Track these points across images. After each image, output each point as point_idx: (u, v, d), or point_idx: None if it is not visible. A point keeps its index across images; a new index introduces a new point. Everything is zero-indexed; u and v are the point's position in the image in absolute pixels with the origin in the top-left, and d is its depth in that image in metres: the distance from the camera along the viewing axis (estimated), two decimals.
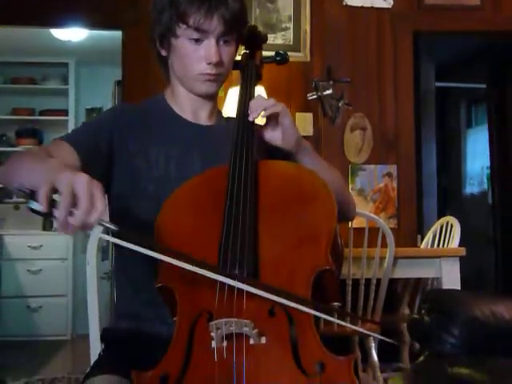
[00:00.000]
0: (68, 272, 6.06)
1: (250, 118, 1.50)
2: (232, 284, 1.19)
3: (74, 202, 1.10)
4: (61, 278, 6.00)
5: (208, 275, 1.19)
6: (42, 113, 6.38)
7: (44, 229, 6.15)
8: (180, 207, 1.40)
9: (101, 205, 1.11)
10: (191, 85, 1.60)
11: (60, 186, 1.10)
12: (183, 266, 1.18)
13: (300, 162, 1.56)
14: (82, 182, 1.10)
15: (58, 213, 1.09)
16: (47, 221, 6.18)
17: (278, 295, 1.19)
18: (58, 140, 1.53)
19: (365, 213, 3.40)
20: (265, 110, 1.50)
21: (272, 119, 1.52)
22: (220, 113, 1.75)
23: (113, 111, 1.68)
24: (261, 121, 1.54)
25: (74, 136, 1.55)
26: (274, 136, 1.53)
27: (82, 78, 6.51)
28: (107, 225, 1.14)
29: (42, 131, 6.39)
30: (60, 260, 6.06)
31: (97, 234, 1.87)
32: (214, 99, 1.68)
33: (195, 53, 1.53)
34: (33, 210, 1.11)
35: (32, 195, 1.11)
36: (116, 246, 1.64)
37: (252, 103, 1.52)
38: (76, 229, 1.11)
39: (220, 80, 1.60)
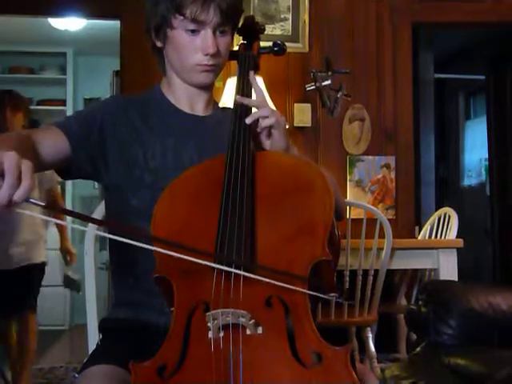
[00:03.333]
0: None
1: (247, 122, 1.49)
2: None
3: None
4: (58, 268, 5.99)
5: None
6: (39, 103, 6.37)
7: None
8: (177, 197, 1.40)
9: (27, 182, 1.09)
10: (188, 75, 1.60)
11: None
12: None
13: None
14: (10, 159, 1.08)
15: None
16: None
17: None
18: (49, 125, 1.54)
19: (363, 204, 3.41)
20: (260, 118, 1.49)
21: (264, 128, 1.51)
22: (216, 103, 1.75)
23: (105, 101, 1.68)
24: None
25: (66, 122, 1.56)
26: (262, 142, 1.53)
27: (79, 68, 6.50)
28: (34, 201, 1.11)
29: (39, 121, 6.37)
30: (58, 250, 6.04)
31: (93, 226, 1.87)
32: (209, 89, 1.68)
33: (192, 44, 1.53)
34: None
35: None
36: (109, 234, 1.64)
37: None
38: (1, 206, 1.09)
39: (216, 70, 1.60)
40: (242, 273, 1.20)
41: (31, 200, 1.11)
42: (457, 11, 4.40)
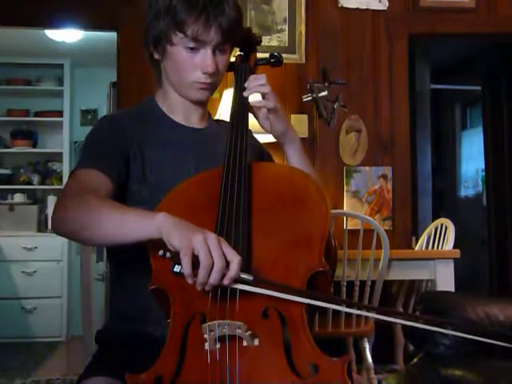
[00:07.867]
0: (63, 273, 6.04)
1: (245, 94, 1.55)
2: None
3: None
4: (56, 279, 5.98)
5: None
6: (36, 114, 6.37)
7: (39, 230, 6.13)
8: (174, 208, 1.39)
9: (236, 258, 1.16)
10: (184, 91, 1.60)
11: (198, 250, 1.15)
12: None
13: (285, 154, 1.61)
14: (214, 242, 1.16)
15: (200, 274, 1.16)
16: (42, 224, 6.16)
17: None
18: (82, 170, 1.48)
19: (359, 214, 3.40)
20: (259, 86, 1.56)
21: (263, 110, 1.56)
22: (210, 115, 1.75)
23: (108, 125, 1.61)
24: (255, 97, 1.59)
25: (95, 161, 1.50)
26: (262, 123, 1.58)
27: (76, 79, 6.49)
28: (244, 276, 1.18)
29: (36, 132, 6.37)
30: (55, 261, 6.04)
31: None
32: (205, 104, 1.68)
33: (190, 61, 1.53)
34: (176, 273, 1.19)
35: (175, 259, 1.19)
36: (108, 249, 1.63)
37: (248, 84, 1.59)
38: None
39: (213, 88, 1.60)
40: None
41: (240, 276, 1.18)
42: (452, 22, 4.41)
